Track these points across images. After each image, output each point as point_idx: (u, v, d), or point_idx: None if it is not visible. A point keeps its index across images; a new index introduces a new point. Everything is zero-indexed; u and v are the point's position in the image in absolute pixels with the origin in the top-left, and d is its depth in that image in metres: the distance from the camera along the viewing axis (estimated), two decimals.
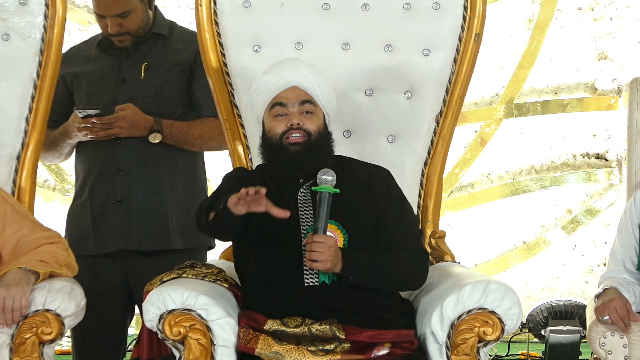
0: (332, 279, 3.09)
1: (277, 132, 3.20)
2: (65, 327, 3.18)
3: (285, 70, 3.24)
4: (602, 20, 6.31)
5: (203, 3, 3.63)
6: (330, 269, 3.03)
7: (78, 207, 3.97)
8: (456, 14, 3.64)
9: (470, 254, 6.23)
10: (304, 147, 3.17)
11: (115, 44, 3.94)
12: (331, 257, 3.01)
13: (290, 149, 3.17)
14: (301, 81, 3.22)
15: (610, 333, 3.35)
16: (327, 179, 3.06)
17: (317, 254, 3.00)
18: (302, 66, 3.24)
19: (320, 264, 3.01)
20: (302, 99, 3.21)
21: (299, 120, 3.18)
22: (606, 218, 6.32)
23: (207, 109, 3.91)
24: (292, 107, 3.21)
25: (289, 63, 3.27)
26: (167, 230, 3.90)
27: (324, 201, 3.03)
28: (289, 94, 3.21)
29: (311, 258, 3.01)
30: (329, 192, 3.04)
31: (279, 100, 3.21)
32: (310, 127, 3.20)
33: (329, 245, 3.01)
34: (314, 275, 3.10)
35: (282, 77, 3.22)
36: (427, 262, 3.22)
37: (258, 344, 3.01)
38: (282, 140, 3.18)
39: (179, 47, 3.98)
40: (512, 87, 6.33)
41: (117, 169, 3.89)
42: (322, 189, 3.04)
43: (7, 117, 3.67)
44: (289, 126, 3.18)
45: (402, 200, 3.29)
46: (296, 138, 3.18)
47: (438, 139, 3.68)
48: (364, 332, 3.04)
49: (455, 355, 3.05)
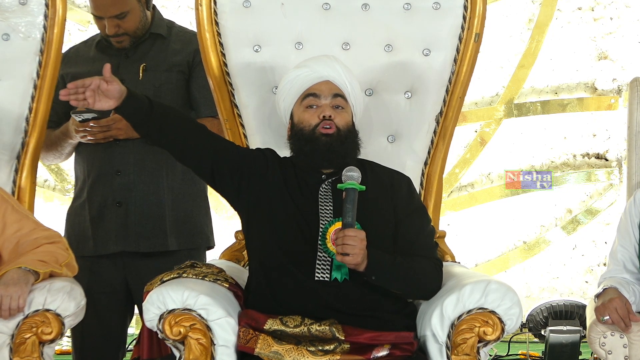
0: (344, 277, 3.09)
1: (311, 123, 3.23)
2: (65, 327, 3.18)
3: (319, 65, 3.29)
4: (602, 20, 6.31)
5: (203, 3, 3.63)
6: (359, 263, 3.03)
7: (77, 208, 3.97)
8: (456, 14, 3.64)
9: (470, 254, 6.23)
10: (335, 139, 3.21)
11: (114, 45, 3.94)
12: (362, 252, 3.01)
13: (322, 140, 3.21)
14: (334, 77, 3.27)
15: (610, 333, 3.35)
16: (353, 175, 3.08)
17: (350, 247, 3.00)
18: (336, 63, 3.30)
19: (351, 258, 3.00)
20: (335, 92, 3.26)
21: (331, 113, 3.22)
22: (606, 218, 6.32)
23: (206, 109, 3.91)
24: (324, 99, 3.25)
25: (323, 58, 3.33)
26: (164, 231, 3.89)
27: (351, 197, 3.04)
28: (322, 86, 3.26)
29: (343, 252, 3.00)
30: (356, 188, 3.06)
31: (312, 91, 3.26)
32: (340, 121, 3.24)
33: (361, 239, 3.02)
34: (326, 271, 3.10)
35: (315, 71, 3.27)
36: (442, 273, 3.22)
37: (258, 344, 3.01)
38: (315, 131, 3.21)
39: (177, 48, 3.98)
40: (512, 87, 6.34)
41: (116, 171, 3.89)
42: (348, 185, 3.06)
43: (7, 117, 3.67)
44: (321, 117, 3.22)
45: (423, 209, 3.33)
46: (328, 129, 3.21)
47: (438, 138, 3.68)
48: (364, 334, 3.04)
49: (455, 355, 3.05)
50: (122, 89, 3.12)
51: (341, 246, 3.00)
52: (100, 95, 3.10)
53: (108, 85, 3.10)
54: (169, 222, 3.90)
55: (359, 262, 3.02)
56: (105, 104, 3.11)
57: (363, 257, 3.02)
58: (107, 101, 3.11)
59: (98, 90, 3.09)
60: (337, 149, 3.21)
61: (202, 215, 3.98)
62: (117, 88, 3.11)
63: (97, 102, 3.10)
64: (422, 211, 3.32)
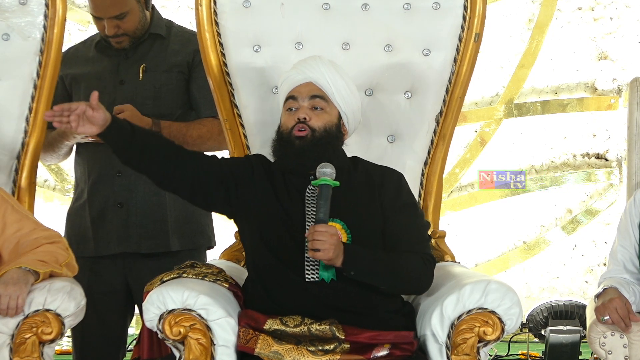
0: (331, 277, 3.09)
1: (288, 126, 3.23)
2: (65, 327, 3.18)
3: (304, 66, 3.28)
4: (602, 20, 6.31)
5: (203, 3, 3.63)
6: (332, 259, 3.02)
7: (77, 209, 3.97)
8: (456, 14, 3.64)
9: (470, 254, 6.23)
10: (307, 142, 3.19)
11: (113, 45, 3.94)
12: (333, 246, 3.01)
13: (295, 143, 3.20)
14: (317, 77, 3.25)
15: (610, 333, 3.35)
16: (326, 171, 3.08)
17: (319, 243, 2.99)
18: (321, 63, 3.28)
19: (322, 253, 3.00)
20: (313, 94, 3.24)
21: (305, 115, 3.21)
22: (606, 218, 6.32)
23: (206, 109, 3.91)
24: (302, 101, 3.24)
25: (309, 60, 3.31)
26: (166, 232, 3.89)
27: (324, 193, 3.05)
28: (302, 88, 3.25)
29: (313, 247, 3.01)
30: (329, 184, 3.06)
31: (292, 94, 3.25)
32: (316, 123, 3.21)
33: (331, 234, 3.01)
34: (315, 271, 3.10)
35: (300, 72, 3.27)
36: (432, 267, 3.20)
37: (257, 344, 3.01)
38: (291, 134, 3.21)
39: (177, 48, 3.98)
40: (512, 87, 6.33)
41: (117, 171, 3.88)
42: (321, 181, 3.06)
43: (7, 117, 3.67)
44: (296, 120, 3.21)
45: (412, 205, 3.30)
46: (300, 132, 3.20)
47: (438, 138, 3.68)
48: (364, 333, 3.04)
49: (455, 355, 3.05)
50: (106, 116, 3.11)
51: (311, 242, 3.00)
52: (84, 120, 3.09)
53: (94, 112, 3.09)
54: (170, 222, 3.90)
55: (331, 257, 3.01)
56: (88, 130, 3.10)
57: (336, 252, 3.01)
58: (91, 127, 3.10)
59: (83, 115, 3.09)
60: (308, 152, 3.18)
61: (203, 215, 3.97)
62: (102, 116, 3.10)
63: (81, 127, 3.09)
64: (411, 206, 3.29)
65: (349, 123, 3.30)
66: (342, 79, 3.27)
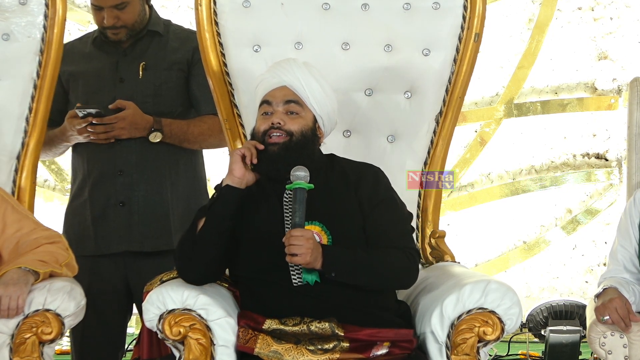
0: (315, 279, 3.08)
1: (260, 131, 3.19)
2: (65, 327, 3.18)
3: (279, 69, 3.24)
4: (602, 20, 6.31)
5: (203, 3, 3.63)
6: (310, 262, 3.01)
7: (77, 208, 3.96)
8: (456, 14, 3.64)
9: (470, 254, 6.22)
10: (283, 148, 3.15)
11: (109, 37, 3.92)
12: (310, 250, 2.99)
13: (269, 149, 3.15)
14: (291, 81, 3.21)
15: (610, 333, 3.35)
16: (299, 174, 3.06)
17: (296, 247, 2.98)
18: (296, 66, 3.23)
19: (299, 258, 2.99)
20: (288, 99, 3.20)
21: (280, 120, 3.16)
22: (606, 218, 6.32)
23: (206, 106, 3.91)
24: (276, 105, 3.20)
25: (283, 63, 3.27)
26: (169, 230, 3.89)
27: (299, 197, 3.03)
28: (276, 92, 3.21)
29: (290, 252, 3.00)
30: (304, 187, 3.04)
31: (266, 98, 3.22)
32: (292, 127, 3.17)
33: (307, 238, 3.00)
34: (299, 275, 3.09)
35: (275, 76, 3.23)
36: (416, 261, 3.18)
37: (257, 344, 3.01)
38: (264, 139, 3.17)
39: (176, 46, 3.98)
40: (512, 87, 6.33)
41: (118, 170, 3.88)
42: (295, 185, 3.05)
43: (7, 117, 3.68)
44: (270, 125, 3.17)
45: (391, 199, 3.25)
46: (275, 138, 3.16)
47: (438, 138, 3.68)
48: (363, 330, 3.03)
49: (455, 355, 3.05)
50: (251, 180, 3.14)
51: (288, 247, 3.00)
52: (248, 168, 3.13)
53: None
54: (173, 220, 3.90)
55: (309, 261, 3.00)
56: (251, 177, 3.13)
57: (313, 255, 3.00)
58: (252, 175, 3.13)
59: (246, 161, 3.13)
60: (284, 158, 3.13)
61: None
62: (252, 178, 3.14)
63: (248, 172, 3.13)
64: (390, 200, 3.24)
65: (325, 125, 3.26)
66: (316, 82, 3.23)
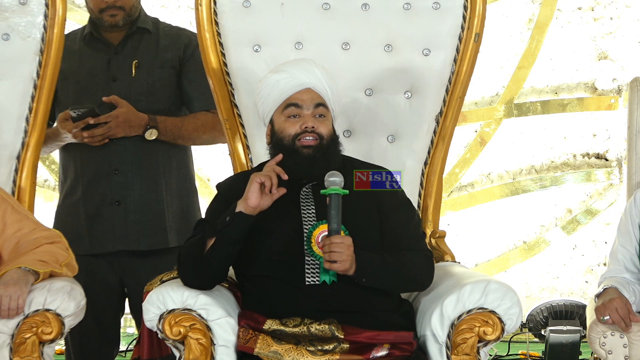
0: (332, 279, 3.09)
1: (290, 134, 3.18)
2: (65, 327, 3.18)
3: (299, 71, 3.22)
4: (602, 20, 6.31)
5: (203, 3, 3.63)
6: (347, 269, 3.02)
7: (69, 207, 3.94)
8: (456, 14, 3.64)
9: (470, 254, 6.22)
10: (317, 151, 3.16)
11: (106, 22, 3.90)
12: (350, 257, 3.01)
13: (303, 152, 3.16)
14: (315, 84, 3.21)
15: (610, 333, 3.35)
16: (335, 180, 3.04)
17: (337, 254, 2.99)
18: (316, 68, 3.24)
19: (339, 265, 3.00)
20: (317, 102, 3.21)
21: (313, 124, 3.17)
22: (606, 218, 6.31)
23: (199, 103, 3.91)
24: (306, 109, 3.20)
25: (302, 64, 3.26)
26: (164, 228, 3.89)
27: (335, 203, 3.02)
28: (304, 95, 3.21)
29: (331, 259, 3.00)
30: (339, 193, 3.04)
31: (294, 101, 3.20)
32: (323, 130, 3.19)
33: (348, 245, 3.01)
34: (315, 274, 3.09)
35: (295, 77, 3.21)
36: (432, 263, 3.22)
37: (257, 344, 3.01)
38: (295, 142, 3.17)
39: (167, 44, 3.97)
40: (512, 87, 6.33)
41: (113, 169, 3.88)
42: (331, 190, 3.03)
43: (7, 117, 3.68)
44: (303, 128, 3.17)
45: (408, 202, 3.31)
46: (309, 141, 3.16)
47: (438, 138, 3.68)
48: (363, 333, 3.04)
49: (455, 355, 3.05)
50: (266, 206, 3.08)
51: (328, 254, 3.00)
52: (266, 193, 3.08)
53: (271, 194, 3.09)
54: (168, 218, 3.90)
55: (347, 268, 3.02)
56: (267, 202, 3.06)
57: (351, 262, 3.02)
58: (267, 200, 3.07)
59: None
60: (319, 161, 3.15)
61: (195, 210, 3.99)
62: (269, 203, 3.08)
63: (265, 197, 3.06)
64: (407, 204, 3.29)
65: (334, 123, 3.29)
66: (333, 81, 3.25)
